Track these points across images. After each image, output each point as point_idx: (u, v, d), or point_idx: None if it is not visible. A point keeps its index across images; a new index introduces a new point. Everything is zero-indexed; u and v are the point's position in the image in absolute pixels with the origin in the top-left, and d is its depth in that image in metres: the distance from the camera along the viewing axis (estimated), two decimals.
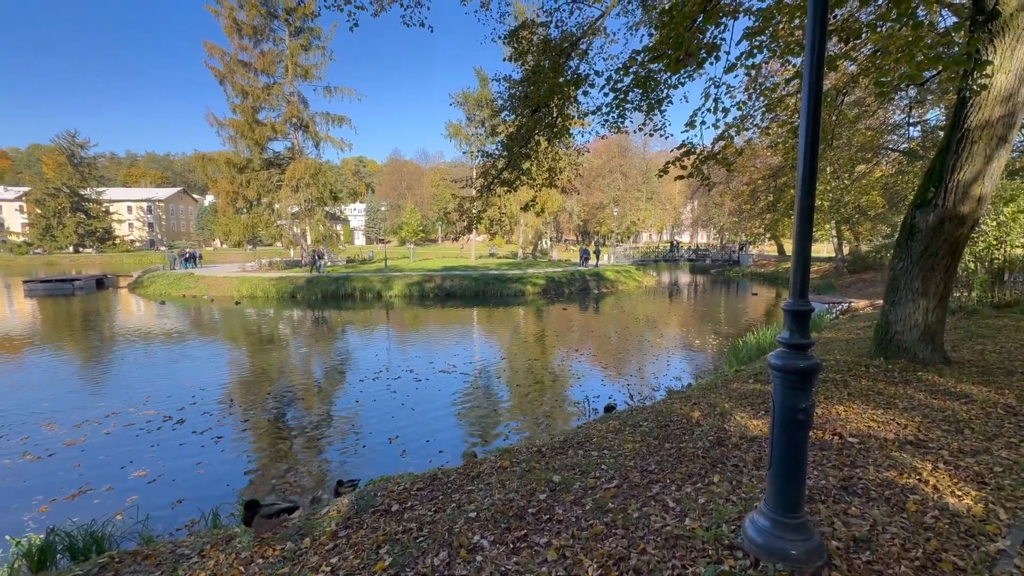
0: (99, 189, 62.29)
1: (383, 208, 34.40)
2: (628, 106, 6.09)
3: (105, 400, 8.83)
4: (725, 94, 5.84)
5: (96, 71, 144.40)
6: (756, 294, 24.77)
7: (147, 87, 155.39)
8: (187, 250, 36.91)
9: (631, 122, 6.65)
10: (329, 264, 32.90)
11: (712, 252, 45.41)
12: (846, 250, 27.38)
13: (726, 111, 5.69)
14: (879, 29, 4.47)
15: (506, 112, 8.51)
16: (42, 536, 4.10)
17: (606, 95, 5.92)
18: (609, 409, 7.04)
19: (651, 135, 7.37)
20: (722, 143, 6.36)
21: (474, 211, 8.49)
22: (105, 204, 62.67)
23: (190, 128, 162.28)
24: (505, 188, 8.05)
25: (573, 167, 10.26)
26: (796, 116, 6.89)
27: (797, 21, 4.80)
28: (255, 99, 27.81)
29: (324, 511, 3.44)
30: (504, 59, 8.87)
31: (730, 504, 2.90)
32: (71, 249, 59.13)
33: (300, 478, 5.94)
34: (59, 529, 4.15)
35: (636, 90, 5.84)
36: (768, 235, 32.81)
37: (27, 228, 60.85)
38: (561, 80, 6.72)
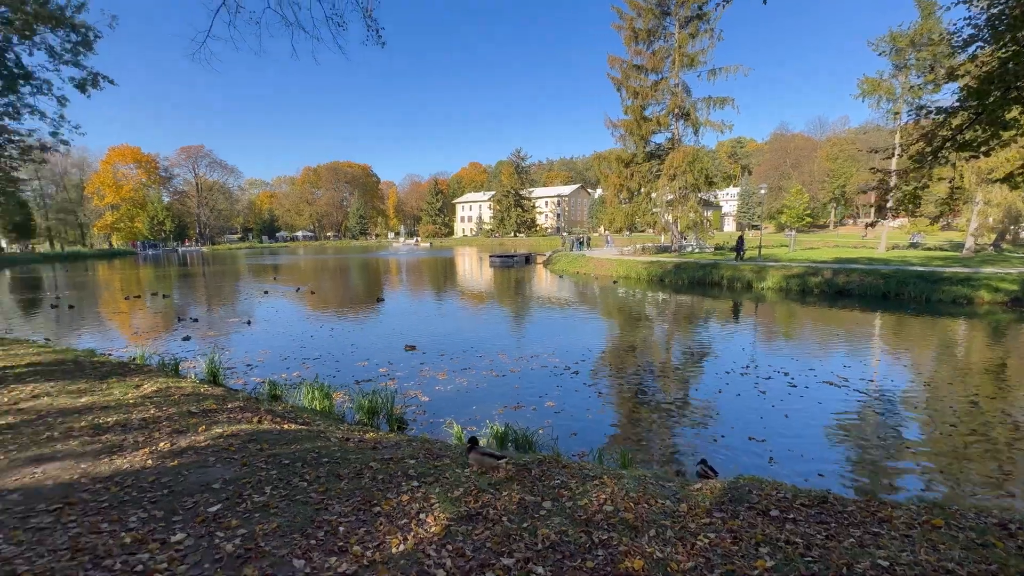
0: (530, 189, 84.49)
1: (762, 191, 31.02)
2: None
3: (528, 344, 12.07)
4: None
5: (533, 102, 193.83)
6: None
7: (562, 104, 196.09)
8: (582, 235, 45.05)
9: None
10: (698, 250, 32.93)
11: None
12: None
13: None
14: None
15: (978, 44, 6.03)
16: (502, 428, 6.13)
17: None
18: None
19: None
20: None
21: (906, 187, 6.51)
22: (533, 200, 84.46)
23: (590, 133, 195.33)
24: (967, 153, 5.75)
25: None
26: None
27: None
28: (643, 98, 30.45)
29: (696, 486, 3.62)
30: None
31: None
32: (512, 234, 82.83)
33: (652, 448, 6.41)
34: (511, 426, 6.09)
35: None
36: None
37: (491, 219, 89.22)
38: None
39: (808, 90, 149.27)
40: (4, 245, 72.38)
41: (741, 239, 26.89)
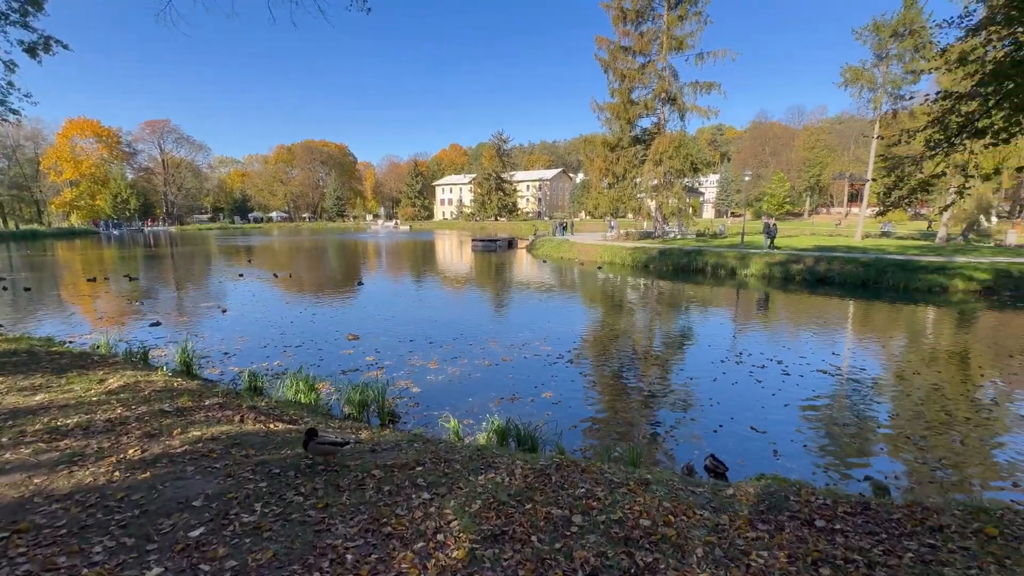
0: (511, 173, 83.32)
1: (746, 178, 31.10)
2: None
3: (519, 332, 11.72)
4: None
5: (514, 83, 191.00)
6: None
7: (544, 87, 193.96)
8: (564, 220, 44.69)
9: None
10: (680, 236, 33.01)
11: None
12: None
13: None
14: None
15: (998, 25, 5.83)
16: (502, 422, 5.80)
17: None
18: None
19: None
20: None
21: (920, 175, 6.36)
22: (514, 184, 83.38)
23: (572, 117, 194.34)
24: (985, 140, 5.58)
25: None
26: None
27: None
28: (630, 80, 29.97)
29: (729, 492, 3.37)
30: None
31: None
32: (493, 218, 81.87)
33: (656, 440, 6.20)
34: (513, 420, 5.76)
35: None
36: None
37: (472, 202, 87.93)
38: None
39: (788, 79, 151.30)
40: None
41: (774, 226, 25.61)
